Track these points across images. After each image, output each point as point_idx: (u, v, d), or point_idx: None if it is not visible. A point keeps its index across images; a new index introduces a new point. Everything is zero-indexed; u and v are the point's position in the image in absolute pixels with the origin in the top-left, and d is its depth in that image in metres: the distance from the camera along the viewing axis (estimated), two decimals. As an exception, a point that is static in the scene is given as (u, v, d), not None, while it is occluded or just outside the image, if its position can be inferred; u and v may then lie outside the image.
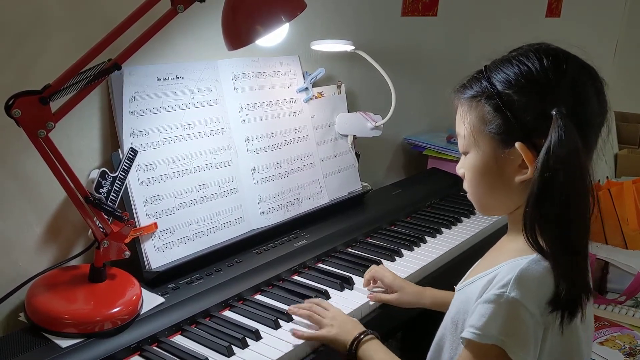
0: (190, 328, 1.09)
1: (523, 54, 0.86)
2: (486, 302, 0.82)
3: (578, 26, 3.11)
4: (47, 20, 1.09)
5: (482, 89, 0.87)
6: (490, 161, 0.88)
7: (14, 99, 0.90)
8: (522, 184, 0.86)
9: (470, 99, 0.89)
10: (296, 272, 1.32)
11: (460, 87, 0.92)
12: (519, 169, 0.86)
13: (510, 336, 0.79)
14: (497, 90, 0.85)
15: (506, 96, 0.84)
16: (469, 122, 0.89)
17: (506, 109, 0.84)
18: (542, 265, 0.83)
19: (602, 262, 2.12)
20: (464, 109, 0.91)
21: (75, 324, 0.99)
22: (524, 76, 0.84)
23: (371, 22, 1.88)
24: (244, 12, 1.04)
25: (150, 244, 1.19)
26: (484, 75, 0.88)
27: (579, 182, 0.81)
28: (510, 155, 0.86)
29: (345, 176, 1.65)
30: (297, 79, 1.55)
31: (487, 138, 0.88)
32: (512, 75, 0.85)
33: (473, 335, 0.82)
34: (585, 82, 0.85)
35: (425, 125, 2.19)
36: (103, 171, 1.07)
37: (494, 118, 0.86)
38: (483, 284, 0.86)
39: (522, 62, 0.85)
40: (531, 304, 0.80)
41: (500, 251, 0.94)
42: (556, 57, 0.85)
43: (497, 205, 0.94)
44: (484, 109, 0.87)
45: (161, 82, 1.25)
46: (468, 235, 1.57)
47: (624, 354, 1.70)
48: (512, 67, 0.85)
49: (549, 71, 0.83)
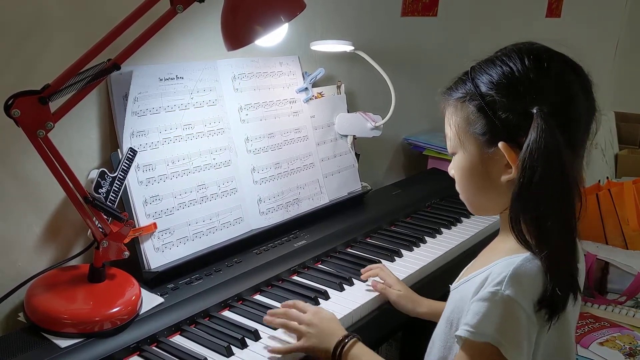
0: (189, 328, 1.09)
1: (506, 54, 0.87)
2: (480, 300, 0.82)
3: (578, 26, 3.11)
4: (47, 20, 1.10)
5: (467, 90, 0.89)
6: (476, 162, 0.89)
7: (13, 99, 0.90)
8: (508, 183, 0.86)
9: (456, 100, 0.90)
10: (296, 272, 1.32)
11: (447, 89, 0.93)
12: (504, 168, 0.87)
13: (504, 334, 0.80)
14: (480, 91, 0.86)
15: (489, 97, 0.85)
16: (455, 123, 0.91)
17: (489, 109, 0.85)
18: (535, 264, 0.83)
19: (603, 263, 2.12)
20: (450, 111, 0.92)
21: (74, 324, 0.99)
22: (506, 76, 0.85)
23: (371, 22, 1.88)
24: (244, 12, 1.04)
25: (149, 244, 1.19)
26: (468, 76, 0.89)
27: (558, 181, 0.81)
28: (495, 155, 0.87)
29: (345, 176, 1.65)
30: (296, 79, 1.55)
31: (472, 139, 0.89)
32: (495, 75, 0.86)
33: (467, 333, 0.82)
34: (571, 80, 0.85)
35: (425, 125, 2.19)
36: (102, 171, 1.07)
37: (477, 119, 0.87)
38: (477, 283, 0.86)
39: (505, 62, 0.86)
40: (525, 301, 0.80)
41: (493, 251, 0.95)
42: (538, 56, 0.85)
43: (487, 205, 0.95)
44: (468, 110, 0.88)
45: (161, 82, 1.25)
46: (468, 236, 1.57)
47: (624, 354, 1.70)
48: (495, 67, 0.86)
49: (530, 71, 0.84)
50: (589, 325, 1.84)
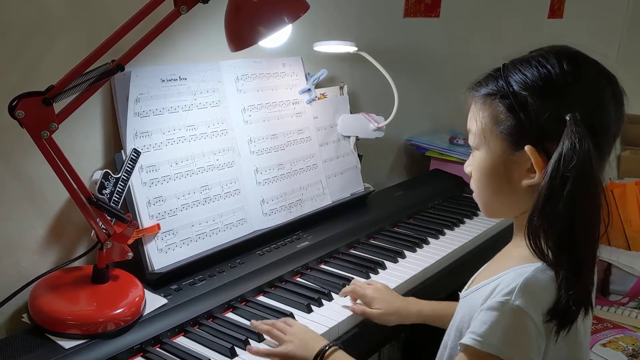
0: (193, 329, 1.09)
1: (543, 55, 0.84)
2: (489, 310, 0.80)
3: (580, 27, 3.11)
4: (51, 21, 1.10)
5: (498, 87, 0.86)
6: (498, 162, 0.87)
7: (17, 100, 0.90)
8: (528, 188, 0.84)
9: (485, 96, 0.88)
10: (299, 274, 1.32)
11: (475, 84, 0.90)
12: (527, 172, 0.84)
13: (511, 347, 0.78)
14: (513, 90, 0.84)
15: (521, 97, 0.83)
16: (481, 119, 0.88)
17: (520, 110, 0.83)
18: (548, 275, 0.81)
19: (605, 264, 2.11)
20: (477, 106, 0.89)
21: (78, 325, 0.99)
22: (542, 78, 0.82)
23: (374, 23, 1.88)
24: (247, 13, 1.04)
25: (153, 245, 1.19)
26: (501, 73, 0.87)
27: (589, 191, 0.78)
28: (519, 158, 0.84)
29: (348, 177, 1.65)
30: (299, 80, 1.55)
31: (497, 138, 0.86)
32: (530, 76, 0.83)
33: (473, 342, 0.80)
34: (604, 88, 0.83)
35: (428, 126, 2.19)
36: (106, 172, 1.07)
37: (506, 118, 0.84)
38: (487, 292, 0.84)
39: (542, 63, 0.83)
40: (535, 313, 0.78)
41: (505, 258, 0.93)
42: (576, 61, 0.83)
43: (501, 208, 0.93)
44: (497, 108, 0.86)
45: (164, 84, 1.25)
46: (471, 237, 1.57)
47: (627, 355, 1.69)
48: (531, 68, 0.83)
49: (567, 75, 0.82)
50: (591, 326, 1.84)
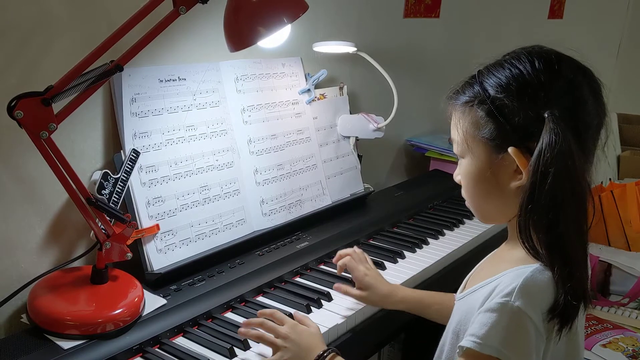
0: (192, 330, 1.08)
1: (515, 57, 0.85)
2: (489, 311, 0.80)
3: (580, 28, 3.11)
4: (50, 21, 1.10)
5: (475, 93, 0.86)
6: (484, 167, 0.87)
7: (16, 100, 0.90)
8: (518, 190, 0.84)
9: (464, 104, 0.88)
10: (298, 274, 1.32)
11: (453, 93, 0.91)
12: (514, 174, 0.84)
13: (511, 349, 0.77)
14: (489, 94, 0.84)
15: (498, 100, 0.83)
16: (462, 127, 0.88)
17: (498, 113, 0.83)
18: (546, 275, 0.81)
19: (605, 264, 2.11)
20: (457, 115, 0.90)
21: (77, 325, 0.99)
22: (516, 79, 0.83)
23: (373, 23, 1.88)
24: (246, 13, 1.04)
25: (152, 246, 1.19)
26: (476, 80, 0.87)
27: (571, 186, 0.79)
28: (504, 160, 0.84)
29: (348, 178, 1.65)
30: (299, 81, 1.55)
31: (480, 144, 0.86)
32: (504, 79, 0.83)
33: (473, 344, 0.79)
34: (581, 83, 0.83)
35: (428, 126, 2.19)
36: (105, 172, 1.07)
37: (486, 123, 0.85)
38: (485, 293, 0.84)
39: (514, 65, 0.84)
40: (535, 314, 0.78)
41: (500, 259, 0.93)
42: (548, 59, 0.83)
43: (495, 213, 0.92)
44: (476, 114, 0.86)
45: (163, 84, 1.25)
46: (470, 237, 1.57)
47: (627, 356, 1.69)
48: (504, 70, 0.84)
49: (540, 73, 0.82)
50: (591, 327, 1.83)
